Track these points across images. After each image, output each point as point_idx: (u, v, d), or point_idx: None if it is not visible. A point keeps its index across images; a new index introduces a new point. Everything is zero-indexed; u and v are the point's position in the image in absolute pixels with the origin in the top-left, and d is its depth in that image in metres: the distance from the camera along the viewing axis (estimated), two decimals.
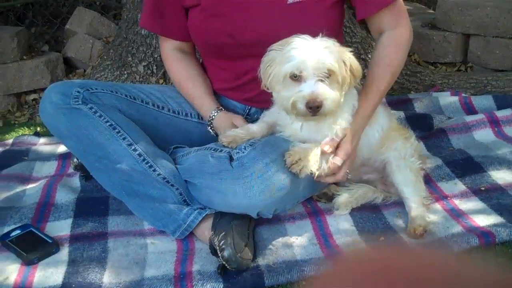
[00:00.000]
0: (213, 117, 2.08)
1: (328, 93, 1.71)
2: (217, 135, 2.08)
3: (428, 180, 2.23)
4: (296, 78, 1.72)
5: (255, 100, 2.13)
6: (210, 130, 2.12)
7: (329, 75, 1.72)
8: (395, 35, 2.01)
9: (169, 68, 2.26)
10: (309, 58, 1.69)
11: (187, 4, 2.08)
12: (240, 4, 1.99)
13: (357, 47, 3.37)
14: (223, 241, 1.81)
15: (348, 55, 1.78)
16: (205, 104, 2.13)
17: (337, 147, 1.88)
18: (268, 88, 1.82)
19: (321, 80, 1.71)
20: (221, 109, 2.10)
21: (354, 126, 1.91)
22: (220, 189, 1.88)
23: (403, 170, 2.03)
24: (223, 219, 1.90)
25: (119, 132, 1.95)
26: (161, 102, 2.18)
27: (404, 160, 2.04)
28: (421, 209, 1.99)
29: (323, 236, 1.96)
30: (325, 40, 1.74)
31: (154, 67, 3.38)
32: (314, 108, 1.71)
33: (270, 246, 1.91)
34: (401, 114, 2.80)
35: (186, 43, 2.20)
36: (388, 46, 2.01)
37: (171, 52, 2.21)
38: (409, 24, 2.05)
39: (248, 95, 2.13)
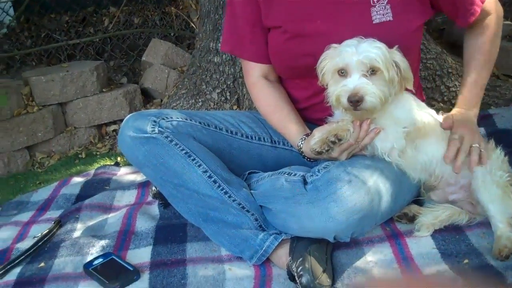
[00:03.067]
0: (301, 147, 2.02)
1: (369, 89, 1.75)
2: (315, 160, 2.03)
3: None
4: (343, 73, 1.79)
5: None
6: (306, 161, 2.06)
7: (374, 72, 1.77)
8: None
9: (256, 97, 2.21)
10: (355, 54, 1.75)
11: (269, 25, 2.08)
12: (324, 24, 1.97)
13: (432, 63, 3.29)
14: (301, 267, 1.78)
15: (398, 57, 1.81)
16: (292, 134, 2.08)
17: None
18: (323, 84, 1.89)
19: (366, 76, 1.76)
20: (307, 135, 2.02)
21: (466, 96, 2.04)
22: (295, 214, 1.86)
23: (489, 186, 1.90)
24: (300, 244, 1.88)
25: (194, 159, 1.97)
26: (234, 127, 2.19)
27: (491, 174, 1.91)
28: (508, 229, 1.87)
29: (404, 259, 1.89)
30: (377, 42, 1.79)
31: (228, 94, 3.42)
32: (354, 102, 1.75)
33: (349, 271, 1.87)
34: (482, 130, 2.69)
35: (271, 69, 2.18)
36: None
37: (258, 80, 2.17)
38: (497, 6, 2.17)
39: (321, 115, 2.05)
